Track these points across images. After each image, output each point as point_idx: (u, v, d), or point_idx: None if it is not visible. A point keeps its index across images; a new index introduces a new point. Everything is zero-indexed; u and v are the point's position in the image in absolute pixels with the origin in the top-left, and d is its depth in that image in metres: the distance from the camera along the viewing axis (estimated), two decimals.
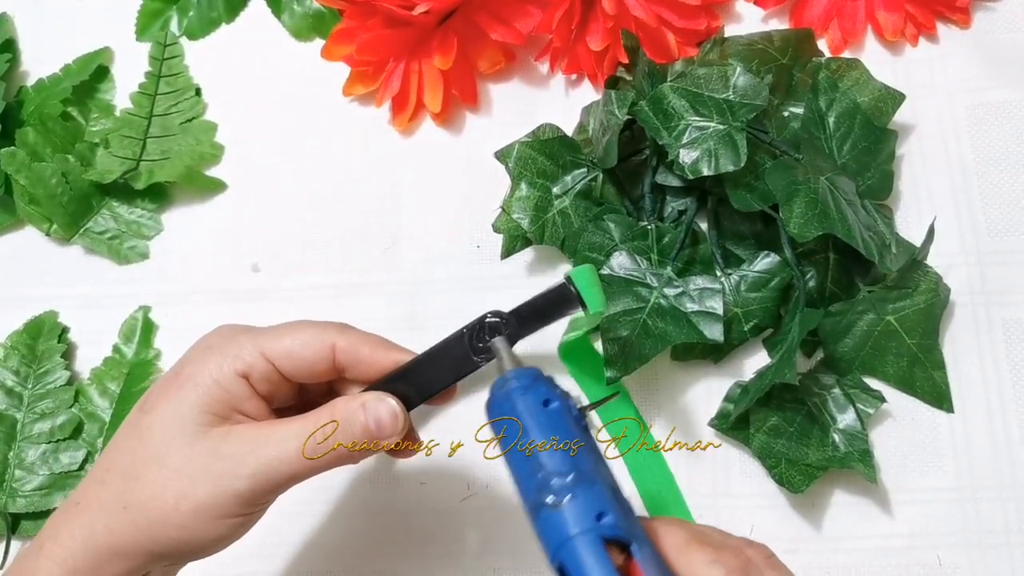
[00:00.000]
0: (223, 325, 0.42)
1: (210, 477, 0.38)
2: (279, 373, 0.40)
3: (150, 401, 0.39)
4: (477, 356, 0.40)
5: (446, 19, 0.58)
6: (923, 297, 0.51)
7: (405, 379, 0.41)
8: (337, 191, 0.60)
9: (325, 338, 0.40)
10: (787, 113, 0.55)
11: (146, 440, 0.38)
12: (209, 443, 0.38)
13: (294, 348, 0.40)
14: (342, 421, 0.39)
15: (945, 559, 0.50)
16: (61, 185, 0.60)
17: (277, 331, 0.40)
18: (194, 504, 0.37)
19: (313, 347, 0.40)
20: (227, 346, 0.40)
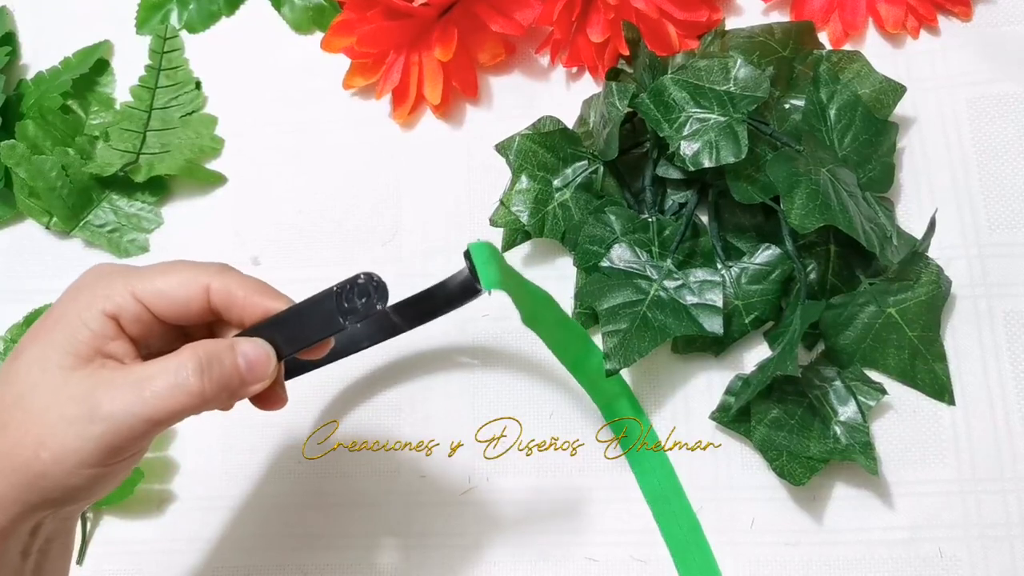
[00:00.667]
0: (98, 264, 0.40)
1: (67, 422, 0.35)
2: (151, 314, 0.39)
3: (20, 346, 0.38)
4: (344, 316, 0.39)
5: (446, 11, 0.58)
6: (924, 289, 0.51)
7: (276, 329, 0.40)
8: (337, 184, 0.60)
9: (199, 279, 0.39)
10: (788, 105, 0.55)
11: (12, 386, 0.37)
12: (70, 387, 0.36)
13: (166, 288, 0.38)
14: (210, 361, 0.37)
15: (946, 551, 0.50)
16: (61, 178, 0.60)
17: (151, 271, 0.39)
18: (52, 452, 0.35)
19: (186, 288, 0.39)
20: (97, 286, 0.38)
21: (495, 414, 0.54)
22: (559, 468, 0.53)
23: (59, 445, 0.35)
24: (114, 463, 0.37)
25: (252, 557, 0.53)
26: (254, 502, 0.54)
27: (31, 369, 0.37)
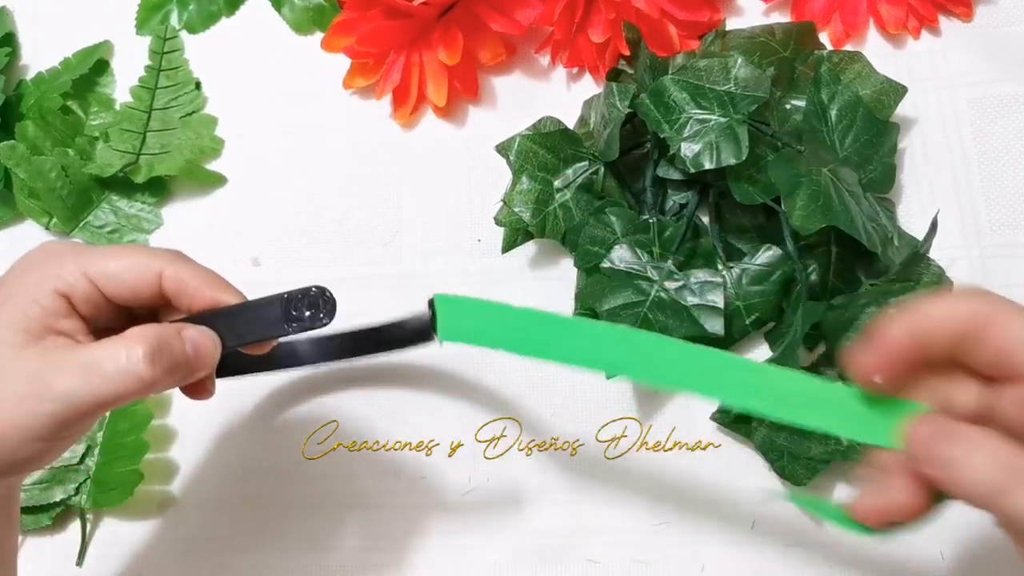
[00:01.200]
0: (48, 241, 0.41)
1: (17, 399, 0.36)
2: (102, 295, 0.39)
3: None
4: (288, 324, 0.40)
5: (447, 11, 0.58)
6: (926, 291, 0.51)
7: (221, 321, 0.40)
8: (337, 184, 0.60)
9: (152, 265, 0.39)
10: (789, 106, 0.55)
11: None
12: (21, 364, 0.37)
13: (118, 271, 0.39)
14: (160, 348, 0.37)
15: (948, 553, 0.50)
16: (61, 179, 0.60)
17: (104, 252, 0.39)
18: (1, 427, 0.36)
19: (138, 272, 0.39)
20: (48, 264, 0.39)
21: (495, 414, 0.54)
22: (559, 468, 0.53)
23: (9, 421, 0.36)
24: (62, 438, 0.38)
25: (252, 557, 0.53)
26: (254, 502, 0.54)
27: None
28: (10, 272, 0.39)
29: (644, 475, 0.52)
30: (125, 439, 0.54)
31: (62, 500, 0.54)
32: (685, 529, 0.51)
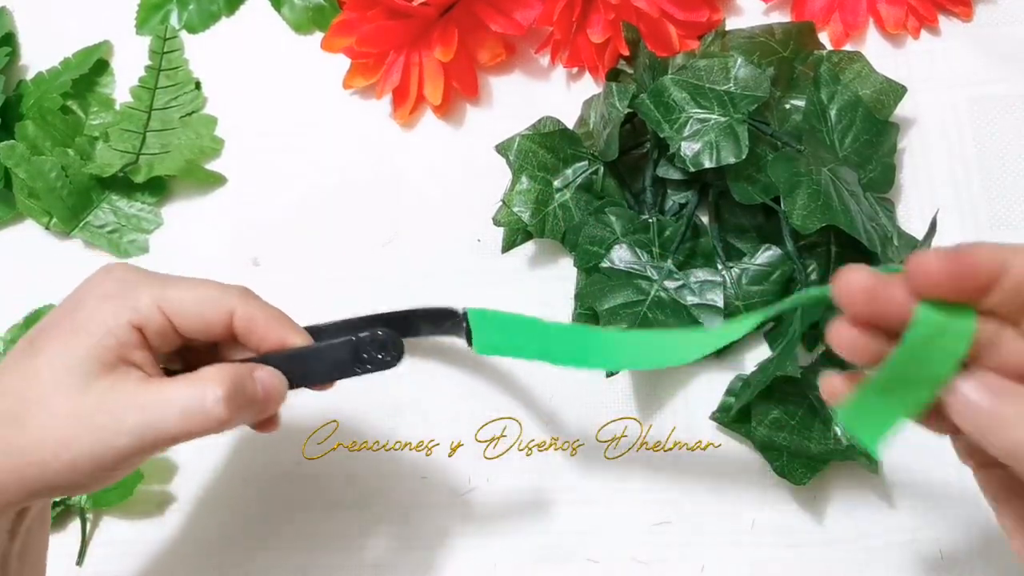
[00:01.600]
0: (119, 267, 0.41)
1: (91, 430, 0.37)
2: (173, 328, 0.40)
3: (38, 343, 0.38)
4: (357, 366, 0.41)
5: (446, 11, 0.58)
6: None
7: (287, 362, 0.41)
8: (337, 184, 0.60)
9: (225, 302, 0.40)
10: (788, 106, 0.55)
11: (32, 384, 0.37)
12: (95, 394, 0.37)
13: (193, 307, 0.39)
14: (231, 389, 0.38)
15: (947, 553, 0.50)
16: (61, 179, 0.60)
17: (177, 286, 0.40)
18: (73, 455, 0.37)
19: (213, 309, 0.40)
20: (125, 295, 0.39)
21: (495, 414, 0.54)
22: (559, 468, 0.53)
23: (81, 450, 0.37)
24: (125, 469, 0.39)
25: (252, 557, 0.53)
26: (254, 502, 0.54)
27: (55, 371, 0.37)
28: (83, 296, 0.40)
29: (644, 475, 0.52)
30: None
31: (62, 500, 0.54)
32: (685, 529, 0.51)
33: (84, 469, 0.37)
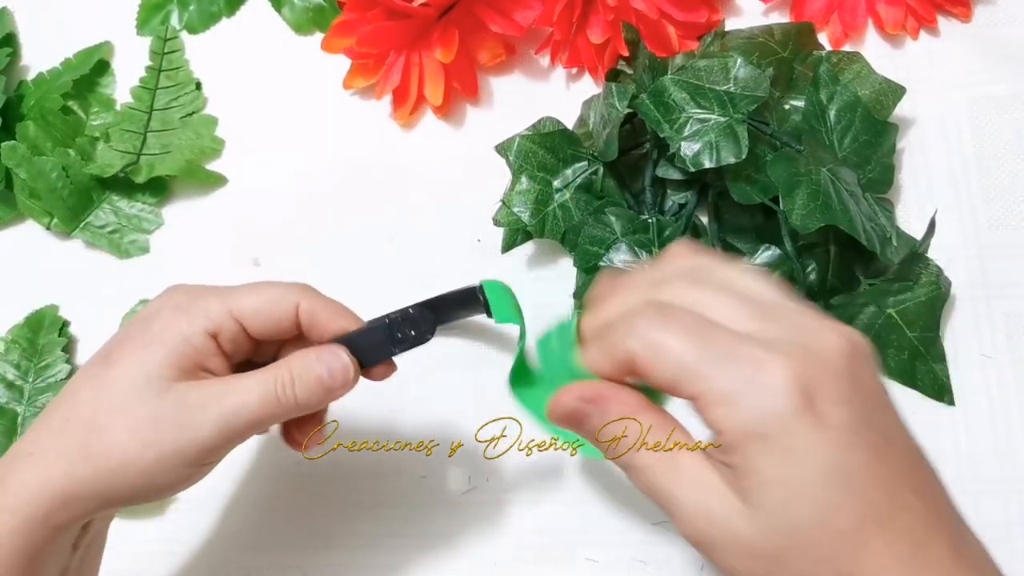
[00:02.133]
0: (187, 285, 0.42)
1: (176, 426, 0.38)
2: (245, 332, 0.41)
3: (114, 355, 0.40)
4: (395, 345, 0.42)
5: (446, 11, 0.58)
6: (924, 290, 0.51)
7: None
8: (337, 184, 0.60)
9: (290, 298, 0.41)
10: (788, 106, 0.55)
11: (110, 392, 0.39)
12: (175, 395, 0.39)
13: (261, 308, 0.41)
14: (299, 371, 0.40)
15: None
16: (61, 179, 0.60)
17: (244, 291, 0.41)
18: (158, 451, 0.38)
19: (280, 307, 0.41)
20: (196, 305, 0.40)
21: (495, 414, 0.54)
22: (559, 468, 0.53)
23: (163, 449, 0.38)
24: (208, 464, 0.40)
25: (252, 557, 0.53)
26: (254, 502, 0.54)
27: (133, 379, 0.39)
28: (156, 310, 0.41)
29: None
30: None
31: None
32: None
33: (169, 465, 0.38)
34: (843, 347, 0.32)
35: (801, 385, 0.30)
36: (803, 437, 0.30)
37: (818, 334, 0.32)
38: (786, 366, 0.30)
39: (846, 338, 0.32)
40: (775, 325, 0.32)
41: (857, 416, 0.31)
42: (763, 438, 0.30)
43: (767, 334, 0.32)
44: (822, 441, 0.30)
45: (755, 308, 0.33)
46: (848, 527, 0.30)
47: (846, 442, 0.30)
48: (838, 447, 0.30)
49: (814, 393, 0.30)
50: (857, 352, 0.32)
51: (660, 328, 0.32)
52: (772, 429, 0.30)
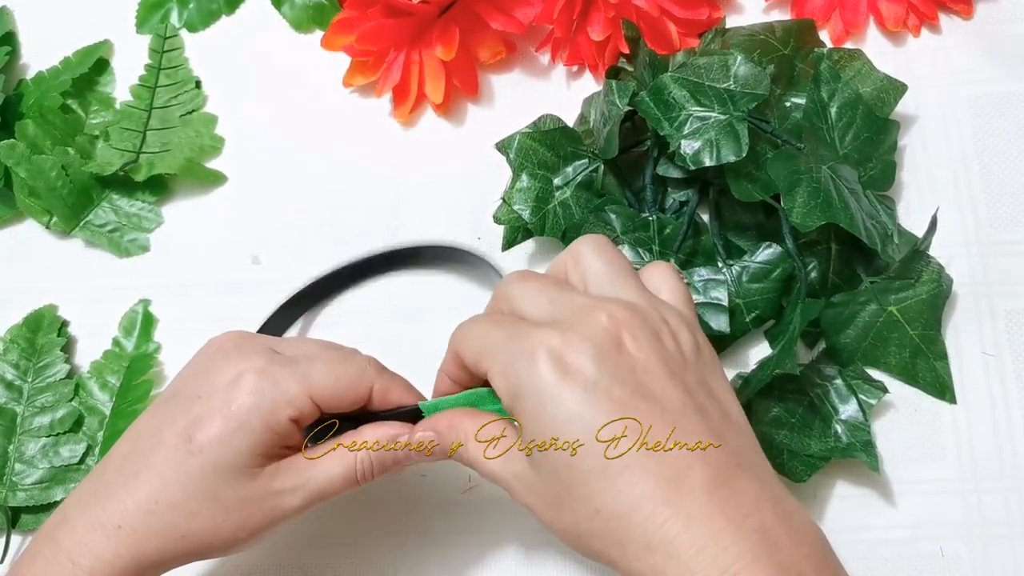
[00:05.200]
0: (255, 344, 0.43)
1: (266, 509, 0.41)
2: (319, 409, 0.42)
3: (198, 441, 0.41)
4: None
5: (447, 9, 0.58)
6: (925, 288, 0.51)
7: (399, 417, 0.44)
8: (338, 182, 0.60)
9: (365, 380, 0.43)
10: (789, 104, 0.55)
11: (199, 480, 0.40)
12: (264, 480, 0.41)
13: (340, 390, 0.42)
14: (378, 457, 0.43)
15: (948, 550, 0.50)
16: (61, 178, 0.60)
17: (316, 367, 0.42)
18: (250, 531, 0.41)
19: (357, 390, 0.43)
20: (277, 392, 0.41)
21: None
22: None
23: (257, 525, 0.42)
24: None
25: (252, 557, 0.53)
26: None
27: (220, 469, 0.41)
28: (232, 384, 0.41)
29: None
30: None
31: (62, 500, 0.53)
32: None
33: (256, 539, 0.42)
34: (605, 323, 0.37)
35: (556, 354, 0.36)
36: (551, 392, 0.36)
37: (589, 313, 0.37)
38: (546, 340, 0.36)
39: (610, 315, 0.37)
40: (561, 309, 0.38)
41: (607, 375, 0.36)
42: (523, 396, 0.37)
43: (551, 317, 0.38)
44: (568, 393, 0.36)
45: (555, 299, 0.39)
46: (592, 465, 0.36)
47: (589, 395, 0.36)
48: (581, 397, 0.36)
49: (567, 360, 0.36)
50: (618, 325, 0.37)
51: (471, 322, 0.40)
52: (528, 388, 0.37)
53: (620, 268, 0.40)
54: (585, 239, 0.41)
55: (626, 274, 0.40)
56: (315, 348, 0.44)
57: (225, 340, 0.43)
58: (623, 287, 0.40)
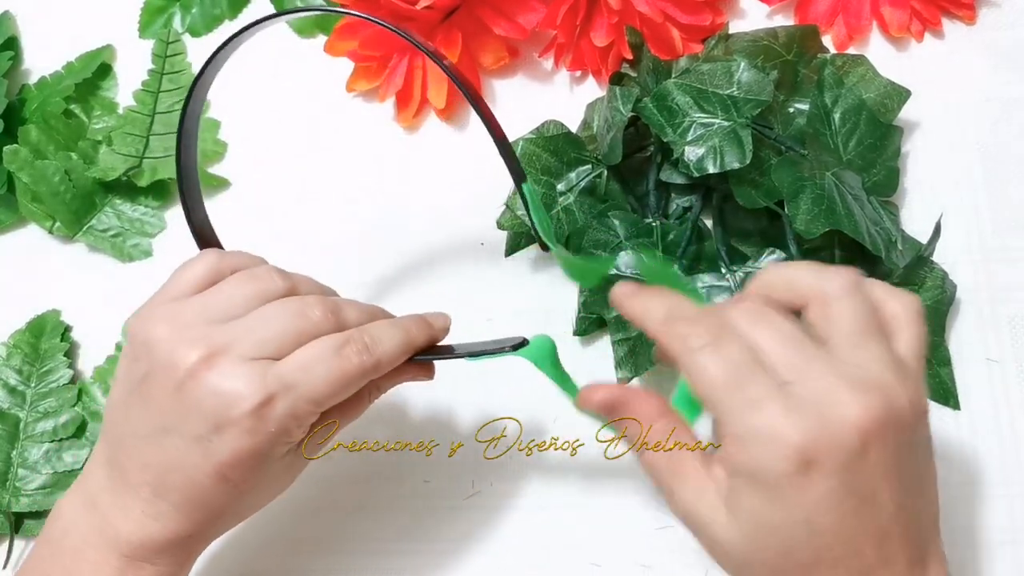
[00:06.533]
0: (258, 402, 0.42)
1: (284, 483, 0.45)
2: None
3: (235, 479, 0.41)
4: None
5: (450, 14, 0.58)
6: (929, 294, 0.51)
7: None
8: (340, 188, 0.60)
9: (363, 382, 0.42)
10: (792, 109, 0.55)
11: (243, 502, 0.43)
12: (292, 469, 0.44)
13: (343, 396, 0.42)
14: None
15: (951, 557, 0.49)
16: (64, 183, 0.60)
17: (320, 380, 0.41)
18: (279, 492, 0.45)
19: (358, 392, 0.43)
20: (288, 424, 0.41)
21: (495, 414, 0.54)
22: (561, 470, 0.53)
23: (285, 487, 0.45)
24: None
25: (254, 562, 0.53)
26: None
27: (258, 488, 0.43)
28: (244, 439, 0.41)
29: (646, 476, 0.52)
30: None
31: None
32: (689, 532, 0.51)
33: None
34: (858, 422, 0.34)
35: (802, 453, 0.34)
36: (788, 492, 0.34)
37: (839, 405, 0.34)
38: (795, 434, 0.34)
39: (867, 410, 0.34)
40: (808, 383, 0.35)
41: (843, 485, 0.34)
42: (757, 482, 0.35)
43: (796, 390, 0.35)
44: (802, 501, 0.34)
45: (800, 358, 0.36)
46: (806, 559, 0.35)
47: (823, 506, 0.34)
48: (814, 508, 0.34)
49: (812, 461, 0.34)
50: (872, 426, 0.34)
51: (710, 352, 0.36)
52: (766, 478, 0.34)
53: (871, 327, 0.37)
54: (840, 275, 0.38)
55: (873, 335, 0.36)
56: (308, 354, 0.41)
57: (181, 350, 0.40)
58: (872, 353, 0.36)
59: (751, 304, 0.38)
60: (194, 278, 0.43)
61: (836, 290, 0.37)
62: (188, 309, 0.42)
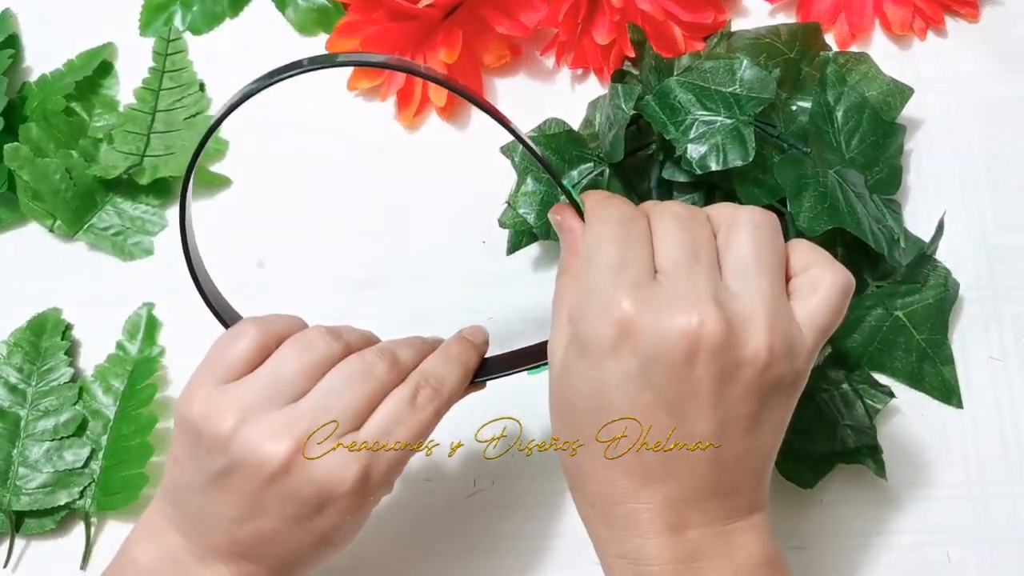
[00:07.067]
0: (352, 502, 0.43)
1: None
2: None
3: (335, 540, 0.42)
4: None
5: (451, 13, 0.58)
6: (932, 292, 0.51)
7: None
8: (342, 186, 0.60)
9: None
10: (795, 107, 0.55)
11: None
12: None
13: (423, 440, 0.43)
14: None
15: (954, 555, 0.49)
16: (65, 181, 0.59)
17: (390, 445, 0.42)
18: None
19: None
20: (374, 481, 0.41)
21: (495, 414, 0.53)
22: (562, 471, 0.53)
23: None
24: None
25: None
26: None
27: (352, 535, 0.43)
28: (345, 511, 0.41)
29: None
30: (130, 442, 0.54)
31: (66, 504, 0.53)
32: None
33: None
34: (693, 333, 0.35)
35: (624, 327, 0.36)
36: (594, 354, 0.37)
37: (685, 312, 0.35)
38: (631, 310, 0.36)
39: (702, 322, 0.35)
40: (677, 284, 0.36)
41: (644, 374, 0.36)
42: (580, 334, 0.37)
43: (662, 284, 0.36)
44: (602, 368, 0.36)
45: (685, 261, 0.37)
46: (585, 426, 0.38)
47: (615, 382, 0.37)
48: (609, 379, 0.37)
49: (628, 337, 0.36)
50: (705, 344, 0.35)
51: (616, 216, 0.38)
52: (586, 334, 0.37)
53: (765, 264, 0.37)
54: (756, 214, 0.38)
55: (765, 273, 0.37)
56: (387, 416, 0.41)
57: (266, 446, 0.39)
58: (753, 286, 0.37)
59: (682, 207, 0.39)
60: (242, 356, 0.41)
61: (744, 220, 0.38)
62: (251, 393, 0.40)
